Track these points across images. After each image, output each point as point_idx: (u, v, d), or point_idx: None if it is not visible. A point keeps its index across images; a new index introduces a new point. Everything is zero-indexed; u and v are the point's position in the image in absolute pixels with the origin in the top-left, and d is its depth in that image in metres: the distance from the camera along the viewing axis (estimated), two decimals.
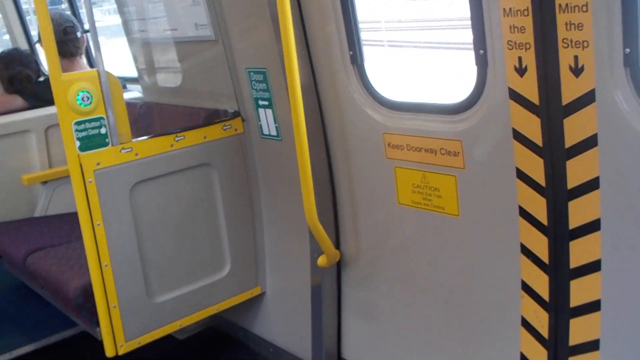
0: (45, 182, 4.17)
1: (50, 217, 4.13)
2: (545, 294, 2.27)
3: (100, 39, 2.91)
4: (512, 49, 2.14)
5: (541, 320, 2.31)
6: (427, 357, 2.85)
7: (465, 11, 2.33)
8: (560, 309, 2.24)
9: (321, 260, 2.95)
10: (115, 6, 3.90)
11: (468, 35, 2.36)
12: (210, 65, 3.35)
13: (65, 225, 3.89)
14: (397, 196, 2.75)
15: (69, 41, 4.32)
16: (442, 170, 2.54)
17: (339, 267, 3.13)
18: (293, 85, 2.55)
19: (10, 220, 4.08)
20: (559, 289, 2.23)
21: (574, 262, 2.17)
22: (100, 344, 2.97)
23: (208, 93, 3.47)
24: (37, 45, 5.11)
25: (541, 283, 2.27)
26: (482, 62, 2.31)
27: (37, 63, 4.60)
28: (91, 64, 4.92)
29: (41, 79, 4.52)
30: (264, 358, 3.58)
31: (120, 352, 2.96)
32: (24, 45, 5.98)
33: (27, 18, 6.10)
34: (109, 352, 2.95)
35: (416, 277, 2.82)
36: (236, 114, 3.24)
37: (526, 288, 2.34)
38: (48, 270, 3.28)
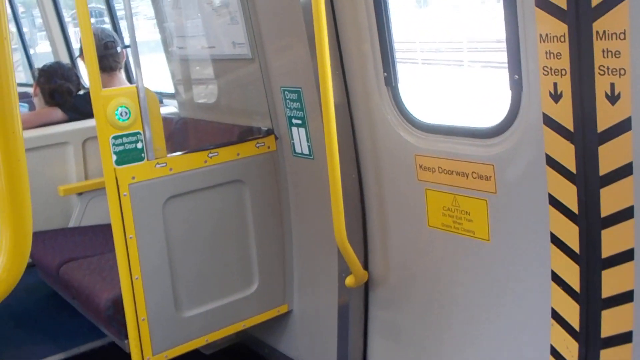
0: (80, 194, 4.25)
1: (84, 228, 4.21)
2: (575, 324, 2.23)
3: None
4: (547, 74, 2.13)
5: (571, 350, 2.27)
6: None
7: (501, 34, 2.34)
8: (591, 340, 2.20)
9: (349, 281, 2.95)
10: (155, 22, 3.98)
11: (503, 56, 2.36)
12: (246, 83, 3.40)
13: (99, 237, 3.95)
14: (428, 218, 2.74)
15: (109, 56, 4.42)
16: (474, 194, 2.53)
17: (366, 287, 3.12)
18: (327, 104, 2.58)
19: (46, 230, 4.16)
20: (590, 318, 2.19)
21: (606, 292, 2.14)
22: (128, 356, 3.00)
23: (243, 110, 3.51)
24: (79, 59, 5.23)
25: (572, 312, 2.24)
26: (516, 86, 2.31)
27: (77, 77, 4.71)
28: (129, 78, 5.02)
29: (81, 92, 4.63)
30: None
31: None
32: (65, 59, 6.15)
33: (70, 31, 6.27)
34: None
35: (444, 300, 2.80)
36: (270, 132, 3.28)
37: (556, 316, 2.30)
38: (80, 281, 3.33)
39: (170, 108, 4.46)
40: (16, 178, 1.71)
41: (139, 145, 2.85)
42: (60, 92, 4.50)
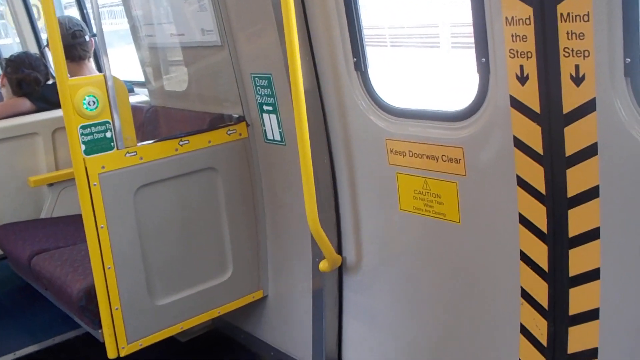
0: (51, 184, 4.20)
1: (56, 218, 4.17)
2: (544, 302, 2.28)
3: (109, 42, 2.93)
4: (514, 57, 2.15)
5: (540, 328, 2.31)
6: None
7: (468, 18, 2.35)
8: (559, 317, 2.25)
9: (323, 265, 2.96)
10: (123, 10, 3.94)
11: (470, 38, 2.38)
12: (216, 70, 3.38)
13: (70, 227, 3.92)
14: (399, 202, 2.76)
15: (78, 45, 4.35)
16: (444, 177, 2.56)
17: (340, 272, 3.14)
18: (297, 90, 2.57)
19: (17, 221, 4.11)
20: (558, 296, 2.23)
21: (574, 270, 2.18)
22: (102, 346, 2.99)
23: (213, 98, 3.49)
24: (47, 49, 5.15)
25: (540, 291, 2.28)
26: (484, 70, 2.33)
27: (46, 66, 4.64)
28: (99, 67, 4.96)
29: (50, 82, 4.56)
30: None
31: (122, 354, 2.98)
32: (33, 49, 6.04)
33: (38, 21, 6.16)
34: (111, 353, 2.96)
35: (416, 282, 2.83)
36: (241, 119, 3.27)
37: (525, 295, 2.34)
38: (52, 272, 3.30)
39: (141, 97, 4.42)
40: None
41: (108, 135, 2.82)
42: (27, 82, 4.43)
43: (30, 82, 4.44)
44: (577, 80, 2.01)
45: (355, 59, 2.79)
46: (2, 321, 4.24)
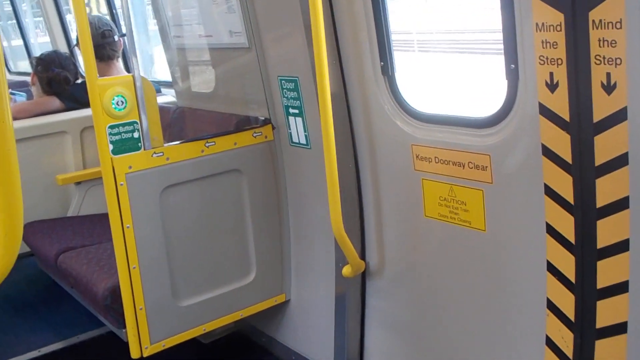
0: (79, 183, 4.24)
1: (83, 217, 4.21)
2: (571, 314, 2.24)
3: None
4: (543, 64, 2.12)
5: (566, 340, 2.27)
6: None
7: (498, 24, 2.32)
8: (586, 330, 2.21)
9: (346, 270, 2.95)
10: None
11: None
12: (243, 72, 3.39)
13: (97, 226, 3.96)
14: (424, 208, 2.74)
15: (107, 44, 4.40)
16: (470, 184, 2.53)
17: (363, 277, 3.13)
18: (323, 94, 2.57)
19: (44, 219, 4.16)
20: (586, 309, 2.19)
21: (601, 283, 2.13)
22: (126, 345, 3.01)
23: (240, 100, 3.50)
24: (76, 48, 5.21)
25: (567, 302, 2.24)
26: (513, 76, 2.30)
27: (75, 66, 4.70)
28: (127, 67, 5.01)
29: (79, 81, 4.62)
30: None
31: (145, 354, 3.00)
32: (63, 48, 6.12)
33: (68, 21, 6.25)
34: (134, 353, 2.98)
35: (440, 290, 2.80)
36: (267, 121, 3.27)
37: (552, 307, 2.30)
38: (78, 270, 3.33)
39: (168, 97, 4.45)
40: (6, 168, 1.71)
41: (136, 135, 2.84)
42: (57, 80, 4.49)
43: (60, 81, 4.49)
44: (609, 88, 1.97)
45: (382, 63, 2.77)
46: (28, 317, 4.30)
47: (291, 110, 3.14)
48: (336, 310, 3.19)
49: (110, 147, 2.79)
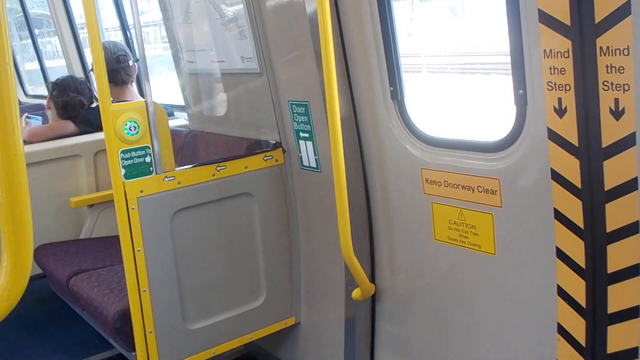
0: (91, 205, 4.28)
1: (95, 239, 4.24)
2: (581, 339, 2.22)
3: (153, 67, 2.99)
4: (552, 89, 2.13)
5: None
6: None
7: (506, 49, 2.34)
8: (597, 356, 2.19)
9: (355, 293, 2.95)
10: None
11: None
12: (255, 97, 3.43)
13: (109, 248, 3.98)
14: (434, 232, 2.74)
15: (121, 69, 4.47)
16: (479, 207, 2.53)
17: (373, 300, 3.12)
18: (333, 118, 2.59)
19: (57, 241, 4.19)
20: (597, 334, 2.18)
21: (612, 307, 2.12)
22: None
23: (251, 123, 3.54)
24: (91, 73, 5.29)
25: (578, 327, 2.23)
26: (521, 101, 2.32)
27: (90, 90, 4.76)
28: (141, 91, 5.07)
29: (93, 105, 4.68)
30: None
31: None
32: (79, 73, 6.21)
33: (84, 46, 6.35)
34: None
35: (450, 313, 2.79)
36: (277, 145, 3.30)
37: (562, 332, 2.29)
38: (89, 293, 3.35)
39: (181, 120, 4.50)
40: (18, 199, 1.74)
41: (148, 159, 2.87)
42: (72, 105, 4.55)
43: (75, 106, 4.55)
44: (617, 114, 1.98)
45: (392, 88, 2.80)
46: (39, 338, 4.32)
47: (302, 134, 3.17)
48: (346, 333, 3.18)
49: (123, 171, 2.83)
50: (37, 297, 4.66)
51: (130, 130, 2.79)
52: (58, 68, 6.96)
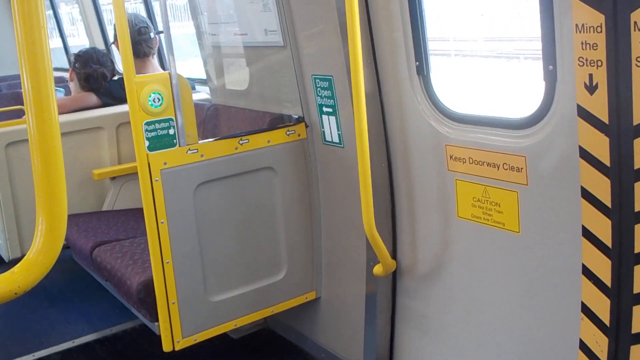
0: (114, 178, 4.31)
1: (117, 211, 4.28)
2: (606, 318, 2.20)
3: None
4: (583, 65, 2.09)
5: (601, 345, 2.24)
6: None
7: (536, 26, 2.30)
8: (621, 335, 2.17)
9: (377, 269, 2.95)
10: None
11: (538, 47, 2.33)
12: (277, 71, 3.41)
13: (131, 221, 4.02)
14: (457, 209, 2.73)
15: (143, 41, 4.47)
16: (504, 185, 2.51)
17: (394, 276, 3.13)
18: (358, 93, 2.57)
19: (80, 212, 4.24)
20: (621, 313, 2.16)
21: (638, 287, 2.10)
22: (158, 338, 3.05)
23: (274, 98, 3.52)
24: (113, 46, 5.29)
25: (602, 306, 2.21)
26: (551, 78, 2.28)
27: (112, 62, 4.77)
28: (162, 63, 5.07)
29: (116, 77, 4.69)
30: None
31: (177, 347, 3.04)
32: (100, 45, 6.22)
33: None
34: (166, 346, 3.02)
35: (472, 291, 2.78)
36: (300, 120, 3.29)
37: (586, 311, 2.27)
38: (113, 264, 3.39)
39: (203, 94, 4.50)
40: (52, 163, 1.75)
41: (171, 132, 2.88)
42: (95, 77, 4.56)
43: (98, 78, 4.56)
44: None
45: (417, 63, 2.77)
46: (63, 309, 4.39)
47: (325, 109, 3.15)
48: (366, 308, 3.19)
49: (147, 143, 2.83)
50: (61, 268, 4.68)
51: (154, 102, 2.79)
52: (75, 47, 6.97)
